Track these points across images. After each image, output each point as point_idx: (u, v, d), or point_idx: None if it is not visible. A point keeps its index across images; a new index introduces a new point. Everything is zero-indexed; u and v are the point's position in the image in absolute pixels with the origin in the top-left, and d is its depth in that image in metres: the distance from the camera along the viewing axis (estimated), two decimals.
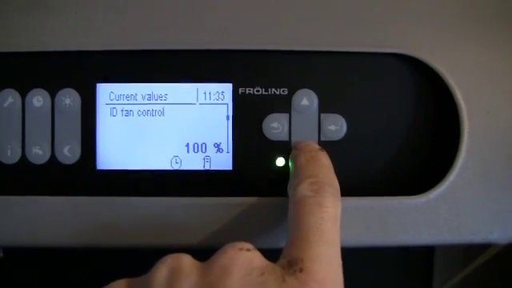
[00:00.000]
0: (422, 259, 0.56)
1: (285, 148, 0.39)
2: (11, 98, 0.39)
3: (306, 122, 0.39)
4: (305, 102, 0.39)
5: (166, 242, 0.38)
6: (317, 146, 0.38)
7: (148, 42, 0.39)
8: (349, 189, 0.37)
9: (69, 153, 0.39)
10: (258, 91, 0.39)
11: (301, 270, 0.30)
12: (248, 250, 0.31)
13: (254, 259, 0.30)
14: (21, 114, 0.39)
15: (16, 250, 0.42)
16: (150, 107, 0.39)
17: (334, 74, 0.39)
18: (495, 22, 0.40)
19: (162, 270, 0.30)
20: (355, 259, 0.39)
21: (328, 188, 0.34)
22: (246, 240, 0.32)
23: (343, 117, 0.39)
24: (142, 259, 0.32)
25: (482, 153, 0.38)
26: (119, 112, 0.39)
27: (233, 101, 0.39)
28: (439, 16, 0.39)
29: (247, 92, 0.39)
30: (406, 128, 0.39)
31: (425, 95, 0.39)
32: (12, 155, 0.39)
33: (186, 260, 0.31)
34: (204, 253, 0.32)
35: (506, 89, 0.39)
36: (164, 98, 0.39)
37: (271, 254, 0.32)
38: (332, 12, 0.39)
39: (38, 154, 0.39)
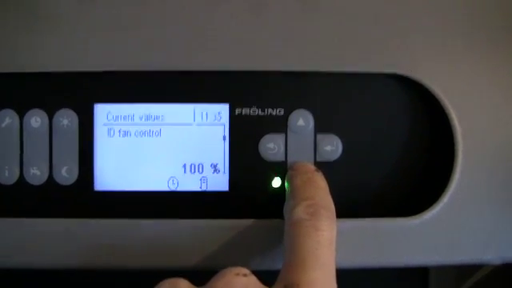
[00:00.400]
0: (417, 279, 0.56)
1: (281, 168, 0.39)
2: (9, 118, 0.39)
3: (302, 142, 0.39)
4: (301, 122, 0.39)
5: (163, 264, 0.39)
6: (313, 167, 0.38)
7: (146, 63, 0.39)
8: (344, 210, 0.38)
9: (66, 174, 0.39)
10: (254, 111, 0.39)
11: None
12: (244, 275, 0.31)
13: (250, 284, 0.31)
14: (18, 135, 0.39)
15: (12, 272, 0.42)
16: (147, 128, 0.40)
17: (330, 95, 0.40)
18: (491, 43, 0.40)
19: None
20: (350, 279, 0.39)
21: (324, 211, 0.34)
22: (242, 262, 0.33)
23: (339, 137, 0.39)
24: (140, 282, 0.32)
25: (476, 174, 0.38)
26: (116, 132, 0.40)
27: (229, 121, 0.39)
28: (435, 37, 0.39)
29: (244, 112, 0.39)
30: (401, 149, 0.40)
31: (420, 116, 0.40)
32: (10, 176, 0.39)
33: (183, 284, 0.31)
34: (201, 275, 0.32)
35: (500, 109, 0.39)
36: (161, 118, 0.40)
37: (267, 276, 0.32)
38: (328, 33, 0.39)
39: (36, 174, 0.39)
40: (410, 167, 0.40)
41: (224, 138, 0.39)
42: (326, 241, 0.33)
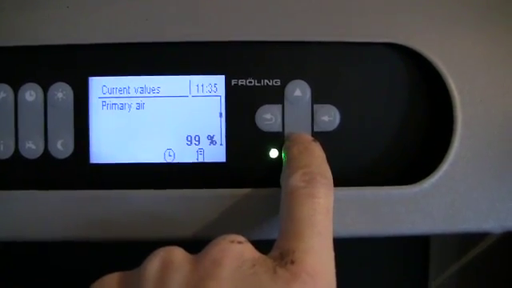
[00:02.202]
0: (418, 249, 0.56)
1: (278, 139, 0.39)
2: (3, 92, 0.39)
3: (299, 112, 0.39)
4: (298, 92, 0.39)
5: (160, 234, 0.38)
6: (310, 137, 0.38)
7: (140, 34, 0.39)
8: (342, 179, 0.37)
9: (62, 147, 0.39)
10: (250, 82, 0.39)
11: (292, 262, 0.29)
12: (239, 242, 0.31)
13: (245, 251, 0.30)
14: (13, 109, 0.39)
15: (9, 245, 0.42)
16: (142, 100, 0.39)
17: (327, 65, 0.39)
18: (489, 10, 0.40)
19: (153, 263, 0.30)
20: (350, 250, 0.39)
21: (320, 178, 0.34)
22: (239, 231, 0.32)
23: (336, 107, 0.39)
24: (135, 252, 0.32)
25: (475, 142, 0.38)
26: (112, 105, 0.39)
27: (225, 93, 0.39)
28: (432, 5, 0.39)
29: (240, 83, 0.39)
30: (399, 118, 0.39)
31: (418, 85, 0.39)
32: (5, 150, 0.39)
33: (178, 253, 0.31)
34: (198, 245, 0.32)
35: (499, 77, 0.39)
36: (157, 90, 0.39)
37: (264, 245, 0.32)
38: (324, 2, 0.39)
39: (31, 148, 0.39)
40: (409, 136, 0.39)
41: (220, 110, 0.39)
42: (323, 208, 0.33)
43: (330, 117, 0.39)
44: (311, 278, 0.29)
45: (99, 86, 0.39)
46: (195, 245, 0.33)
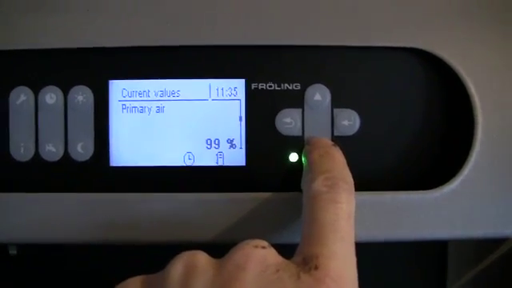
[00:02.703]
0: (436, 254, 0.56)
1: (298, 143, 0.39)
2: (24, 95, 0.39)
3: (319, 117, 0.39)
4: (318, 97, 0.39)
5: (180, 238, 0.38)
6: (330, 142, 0.38)
7: (161, 38, 0.39)
8: (362, 184, 0.37)
9: (82, 150, 0.39)
10: (270, 86, 0.39)
11: (316, 268, 0.29)
12: (263, 247, 0.31)
13: (268, 256, 0.30)
14: (34, 112, 0.39)
15: (29, 247, 0.42)
16: (162, 103, 0.39)
17: (347, 69, 0.39)
18: (510, 15, 0.39)
19: (177, 267, 0.30)
20: (369, 255, 0.38)
21: (342, 184, 0.34)
22: (260, 235, 0.32)
23: (356, 112, 0.39)
24: (157, 256, 0.32)
25: (495, 147, 0.38)
26: (132, 108, 0.39)
27: (246, 96, 0.39)
28: (453, 10, 0.39)
29: (260, 87, 0.39)
30: (419, 123, 0.39)
31: (438, 90, 0.39)
32: (25, 153, 0.39)
33: (201, 257, 0.31)
34: (218, 249, 0.32)
35: None
36: (177, 94, 0.39)
37: (286, 250, 0.32)
38: (345, 6, 0.39)
39: (51, 151, 0.39)
40: (429, 141, 0.39)
41: (240, 113, 0.39)
42: (345, 213, 0.33)
43: (349, 121, 0.39)
44: (335, 283, 0.29)
45: (119, 90, 0.39)
46: (214, 249, 0.33)
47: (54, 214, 0.39)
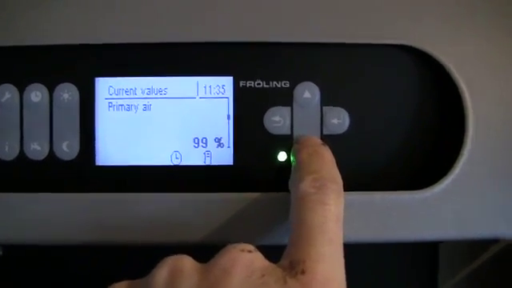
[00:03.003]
0: (427, 254, 0.56)
1: (286, 142, 0.39)
2: (9, 93, 0.39)
3: (308, 115, 0.39)
4: (307, 94, 0.38)
5: (167, 238, 0.38)
6: (319, 141, 0.38)
7: (147, 35, 0.38)
8: (352, 183, 0.37)
9: (67, 148, 0.39)
10: (258, 84, 0.39)
11: (303, 272, 0.29)
12: (249, 251, 0.30)
13: (255, 260, 0.30)
14: (19, 110, 0.39)
15: (16, 248, 0.41)
16: (149, 101, 0.39)
17: (336, 67, 0.39)
18: (499, 12, 0.39)
19: (162, 272, 0.30)
20: (359, 256, 0.38)
21: (330, 184, 0.33)
22: (248, 236, 0.32)
23: (346, 110, 0.38)
24: (143, 259, 0.32)
25: (487, 146, 0.38)
26: (118, 107, 0.39)
27: (234, 94, 0.39)
28: (443, 6, 0.39)
29: (248, 85, 0.39)
30: (409, 121, 0.39)
31: (429, 87, 0.39)
32: (10, 151, 0.39)
33: (187, 261, 0.30)
34: (205, 251, 0.32)
35: (510, 79, 0.38)
36: (164, 92, 0.39)
37: (273, 251, 0.32)
38: (334, 3, 0.38)
39: (37, 149, 0.39)
40: (419, 139, 0.39)
41: (228, 112, 0.39)
42: (333, 215, 0.32)
43: (339, 119, 0.38)
44: (322, 286, 0.29)
45: (105, 87, 0.39)
46: (201, 249, 0.32)
47: (38, 214, 0.38)
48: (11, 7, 0.39)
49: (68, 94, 0.39)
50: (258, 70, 0.39)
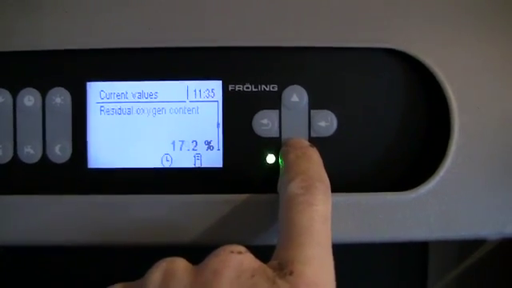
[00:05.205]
0: (417, 255, 0.56)
1: (275, 145, 0.39)
2: (2, 97, 0.39)
3: (296, 118, 0.39)
4: (295, 98, 0.39)
5: (158, 239, 0.39)
6: (307, 143, 0.38)
7: (138, 39, 0.39)
8: (339, 185, 0.37)
9: (60, 152, 0.39)
10: (247, 88, 0.39)
11: (291, 273, 0.29)
12: (239, 252, 0.31)
13: (244, 261, 0.30)
14: (12, 114, 0.39)
15: (8, 250, 0.42)
16: (140, 105, 0.39)
17: (324, 70, 0.39)
18: (486, 18, 0.39)
19: (155, 274, 0.30)
20: (349, 257, 0.38)
21: (318, 185, 0.34)
22: (238, 237, 0.32)
23: (333, 113, 0.39)
24: (138, 261, 0.32)
25: (472, 148, 0.38)
26: (110, 110, 0.39)
27: (223, 98, 0.39)
28: (430, 11, 0.39)
29: (237, 89, 0.39)
30: (396, 124, 0.39)
31: (415, 91, 0.39)
32: (3, 155, 0.39)
33: (180, 264, 0.31)
34: (197, 251, 0.32)
35: (496, 84, 0.39)
36: (154, 95, 0.39)
37: (263, 251, 0.32)
38: (322, 8, 0.39)
39: (30, 153, 0.39)
40: (406, 142, 0.39)
41: (218, 115, 0.39)
42: (321, 216, 0.32)
43: (327, 122, 0.39)
44: None
45: (97, 91, 0.39)
46: (193, 250, 0.33)
47: (32, 216, 0.39)
48: (3, 13, 0.39)
49: (60, 98, 0.39)
50: (247, 74, 0.39)
